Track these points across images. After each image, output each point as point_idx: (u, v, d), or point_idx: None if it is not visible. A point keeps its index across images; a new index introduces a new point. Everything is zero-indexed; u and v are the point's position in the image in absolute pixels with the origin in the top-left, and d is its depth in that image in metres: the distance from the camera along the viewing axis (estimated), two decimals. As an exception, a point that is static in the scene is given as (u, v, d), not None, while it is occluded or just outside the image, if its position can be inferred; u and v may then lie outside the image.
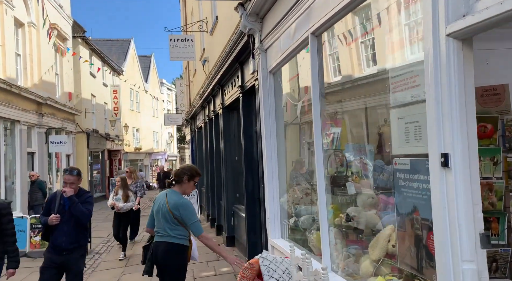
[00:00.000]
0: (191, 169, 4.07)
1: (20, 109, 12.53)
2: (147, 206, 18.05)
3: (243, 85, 6.43)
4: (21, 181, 12.57)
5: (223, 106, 8.52)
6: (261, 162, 5.33)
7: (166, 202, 3.89)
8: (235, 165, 8.44)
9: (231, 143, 8.52)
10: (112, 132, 25.22)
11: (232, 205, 8.41)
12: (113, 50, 30.56)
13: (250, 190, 6.41)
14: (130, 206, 8.15)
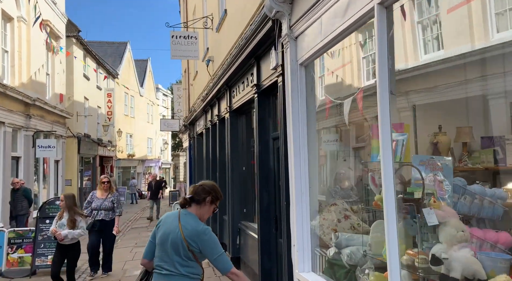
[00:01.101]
0: (215, 189, 3.11)
1: (5, 110, 11.50)
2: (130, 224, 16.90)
3: (259, 83, 5.53)
4: (3, 188, 11.49)
5: (231, 110, 7.61)
6: (284, 174, 4.40)
7: (179, 227, 2.92)
8: (243, 176, 7.51)
9: (239, 151, 7.59)
10: (104, 137, 24.16)
11: (238, 221, 7.45)
12: (109, 53, 29.63)
13: (264, 207, 5.46)
14: (78, 234, 5.98)
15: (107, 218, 7.33)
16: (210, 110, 10.12)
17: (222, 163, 8.93)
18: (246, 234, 7.04)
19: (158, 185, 16.79)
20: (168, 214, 3.15)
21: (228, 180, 7.75)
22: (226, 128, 7.98)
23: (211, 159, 10.22)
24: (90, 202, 7.38)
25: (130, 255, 9.47)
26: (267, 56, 5.16)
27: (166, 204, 23.46)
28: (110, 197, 7.37)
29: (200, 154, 13.42)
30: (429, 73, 3.51)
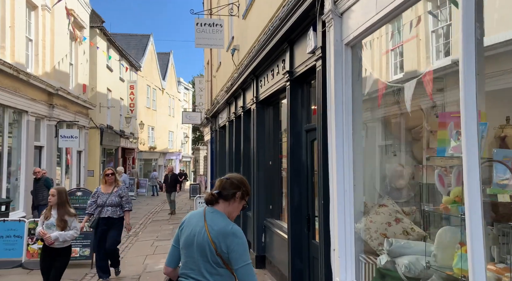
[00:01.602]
0: (245, 183, 2.69)
1: (28, 99, 11.40)
2: (151, 217, 16.66)
3: (292, 70, 5.07)
4: (25, 178, 11.42)
5: (257, 101, 7.17)
6: (322, 170, 3.95)
7: (205, 227, 2.53)
8: (270, 171, 7.08)
9: (265, 145, 7.16)
10: (127, 129, 24.14)
11: (263, 218, 7.04)
12: (132, 45, 29.60)
13: (296, 204, 5.02)
14: (71, 236, 4.92)
15: (115, 215, 6.40)
16: (234, 102, 9.72)
17: (247, 156, 8.52)
18: (272, 232, 6.63)
19: (174, 178, 16.05)
20: (192, 214, 2.74)
21: (253, 175, 7.34)
22: (252, 120, 7.56)
23: (234, 153, 9.83)
24: (95, 198, 6.48)
25: (151, 249, 9.21)
26: (303, 39, 4.70)
27: (186, 197, 23.33)
28: (116, 191, 6.48)
29: (222, 148, 13.07)
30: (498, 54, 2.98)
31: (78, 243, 7.65)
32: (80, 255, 7.64)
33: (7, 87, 10.14)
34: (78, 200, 7.90)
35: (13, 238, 7.57)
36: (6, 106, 10.43)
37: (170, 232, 11.38)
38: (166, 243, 9.73)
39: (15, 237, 7.59)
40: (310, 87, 5.06)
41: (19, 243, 7.56)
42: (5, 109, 10.52)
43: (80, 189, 8.04)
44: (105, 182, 6.57)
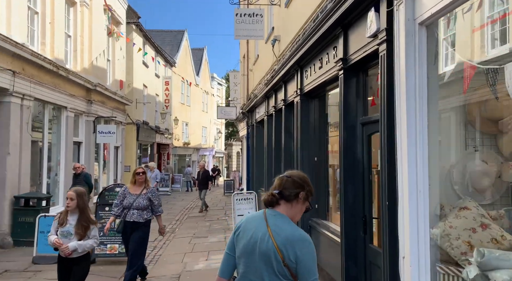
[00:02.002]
0: (308, 182, 2.35)
1: (67, 95, 11.49)
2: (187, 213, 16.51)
3: (346, 58, 4.62)
4: (65, 173, 11.55)
5: (302, 93, 6.76)
6: (386, 167, 3.51)
7: (269, 232, 2.18)
8: (315, 168, 6.66)
9: (310, 140, 6.74)
10: (162, 125, 24.31)
11: (308, 218, 6.64)
12: (166, 42, 29.78)
13: (350, 204, 4.59)
14: (90, 247, 4.30)
15: (141, 219, 5.65)
16: (273, 95, 9.35)
17: (288, 152, 8.14)
18: (318, 233, 6.22)
19: (206, 175, 15.40)
20: (249, 217, 2.38)
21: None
22: (295, 114, 7.15)
23: (273, 148, 9.47)
24: (122, 199, 5.77)
25: (189, 246, 9.01)
26: (360, 22, 4.25)
27: (220, 193, 23.25)
28: (145, 192, 5.75)
29: (259, 143, 12.74)
30: None
31: (118, 239, 7.53)
32: (119, 251, 7.52)
33: (47, 83, 10.21)
34: (116, 195, 7.76)
35: (52, 234, 7.54)
36: (46, 102, 10.53)
37: (207, 229, 11.19)
38: (204, 241, 9.52)
39: (55, 232, 7.56)
40: (367, 76, 4.61)
41: (60, 239, 7.52)
42: (45, 105, 10.62)
43: (118, 184, 7.93)
44: (135, 181, 5.81)
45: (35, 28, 10.36)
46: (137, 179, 5.80)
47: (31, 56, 9.16)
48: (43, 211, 8.90)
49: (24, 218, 8.71)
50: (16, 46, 8.52)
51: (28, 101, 9.35)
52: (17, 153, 8.96)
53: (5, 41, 8.14)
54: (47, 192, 10.67)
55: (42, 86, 9.93)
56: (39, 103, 10.30)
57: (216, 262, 7.51)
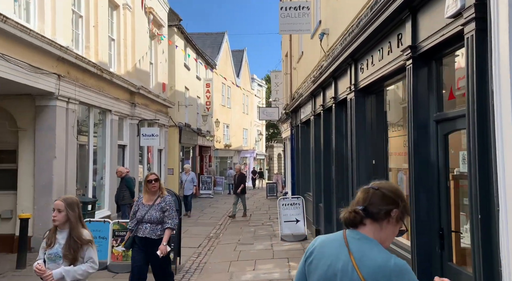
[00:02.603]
0: (402, 196, 1.81)
1: (111, 98, 11.48)
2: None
3: (415, 45, 3.99)
4: (110, 176, 11.53)
5: (356, 89, 6.14)
6: (477, 172, 2.87)
7: (352, 261, 1.67)
8: (373, 172, 6.02)
9: (367, 141, 6.11)
10: (203, 127, 24.27)
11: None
12: (207, 44, 29.85)
13: (423, 215, 3.94)
14: (84, 274, 3.28)
15: (154, 235, 4.83)
16: (321, 93, 8.75)
17: (340, 154, 7.52)
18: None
19: (241, 178, 14.31)
20: (323, 241, 1.84)
21: (351, 176, 6.33)
22: (348, 112, 6.54)
23: (322, 150, 8.87)
24: (136, 210, 5.02)
25: (234, 254, 8.59)
26: (434, 2, 3.61)
27: (263, 196, 22.81)
28: (158, 203, 4.93)
29: (305, 144, 12.15)
30: None
31: (161, 246, 7.25)
32: (163, 259, 7.22)
33: (92, 86, 10.20)
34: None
35: (98, 240, 7.36)
36: (91, 106, 10.53)
37: (251, 235, 10.76)
38: (249, 248, 9.08)
39: (100, 238, 7.39)
40: (441, 65, 3.95)
41: (104, 245, 7.36)
42: (91, 108, 10.63)
43: (162, 189, 7.67)
44: (147, 190, 5.01)
45: (80, 32, 10.40)
46: (150, 188, 4.97)
47: (75, 59, 9.14)
48: (89, 216, 8.83)
49: (70, 222, 8.66)
50: (61, 50, 8.50)
51: (73, 105, 9.34)
52: (63, 157, 8.95)
53: (50, 44, 8.13)
54: (93, 196, 10.67)
55: (86, 89, 9.92)
56: (84, 106, 10.32)
57: (264, 273, 7.04)
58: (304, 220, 9.87)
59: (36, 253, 8.22)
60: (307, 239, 9.63)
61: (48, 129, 8.68)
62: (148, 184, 4.99)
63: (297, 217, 9.92)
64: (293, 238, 9.68)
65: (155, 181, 4.99)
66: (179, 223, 7.43)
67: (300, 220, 9.89)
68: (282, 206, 10.02)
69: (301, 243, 9.30)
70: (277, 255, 8.22)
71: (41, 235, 8.60)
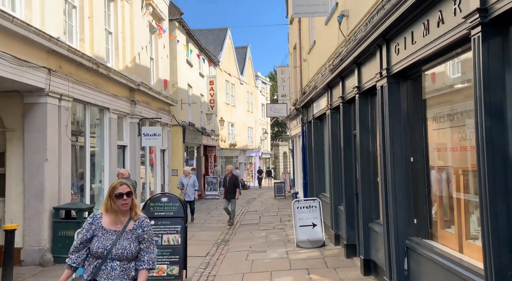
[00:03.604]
0: None
1: (109, 95, 10.64)
2: (239, 220, 15.37)
3: (486, 7, 3.10)
4: (109, 179, 10.68)
5: (389, 74, 5.25)
6: None
7: None
8: (411, 171, 5.13)
9: (401, 135, 5.22)
10: (208, 126, 23.41)
11: (404, 236, 5.11)
12: (209, 40, 28.98)
13: (502, 230, 3.04)
14: None
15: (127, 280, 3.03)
16: (340, 84, 7.86)
17: (366, 152, 6.63)
18: (421, 256, 4.70)
19: (233, 181, 12.36)
20: None
21: (384, 176, 5.44)
22: (378, 102, 5.65)
23: (342, 147, 7.98)
24: (87, 236, 3.07)
25: (247, 263, 7.72)
26: None
27: (270, 196, 21.92)
28: (132, 228, 3.10)
29: (319, 141, 11.27)
30: None
31: (165, 259, 6.41)
32: (168, 273, 6.37)
33: (87, 82, 9.36)
34: (164, 206, 6.66)
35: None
36: (87, 103, 9.68)
37: (263, 240, 9.89)
38: (263, 256, 8.20)
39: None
40: (522, 33, 3.05)
41: (101, 258, 6.50)
42: (87, 106, 9.78)
43: (165, 193, 6.81)
44: (114, 208, 3.08)
45: (73, 23, 9.56)
46: (119, 205, 3.07)
47: (68, 52, 8.29)
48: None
49: (64, 232, 7.83)
50: (51, 41, 7.65)
51: (67, 102, 8.49)
52: (56, 159, 8.12)
53: (38, 34, 7.28)
54: (90, 201, 9.84)
55: (81, 85, 9.07)
56: (79, 104, 9.48)
57: (283, 288, 6.16)
58: (321, 224, 8.99)
59: (28, 267, 7.54)
60: (325, 245, 8.75)
61: (39, 129, 7.84)
62: (116, 199, 3.07)
63: (313, 221, 9.04)
64: (310, 244, 8.81)
65: (128, 195, 3.09)
66: (185, 230, 6.61)
67: (317, 224, 9.01)
68: (297, 210, 9.15)
69: (319, 250, 8.42)
70: (295, 265, 7.34)
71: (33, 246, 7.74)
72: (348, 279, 6.35)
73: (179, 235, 6.51)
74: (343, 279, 6.36)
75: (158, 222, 6.51)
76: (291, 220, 12.98)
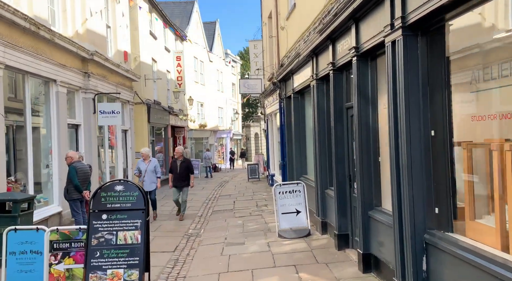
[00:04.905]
0: None
1: (55, 64, 9.01)
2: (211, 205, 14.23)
3: None
4: (59, 163, 9.19)
5: (404, 24, 4.09)
6: None
7: None
8: (431, 148, 4.07)
9: (420, 103, 4.12)
10: (175, 105, 21.82)
11: (422, 229, 4.07)
12: (175, 14, 27.01)
13: None
14: None
15: None
16: (329, 48, 6.67)
17: (366, 126, 5.52)
18: (444, 253, 3.70)
19: (186, 166, 10.11)
20: None
21: (398, 155, 4.35)
22: (388, 63, 4.52)
23: (333, 123, 6.85)
24: None
25: (222, 260, 6.55)
26: None
27: (243, 179, 20.82)
28: None
29: (300, 118, 10.14)
30: None
31: (122, 262, 5.13)
32: (125, 280, 5.11)
33: (24, 47, 7.73)
34: (119, 197, 5.33)
35: (30, 255, 5.16)
36: (26, 73, 8.06)
37: (240, 230, 8.76)
38: (241, 250, 7.07)
39: (33, 253, 5.18)
40: None
41: (39, 263, 5.15)
42: (26, 76, 8.15)
43: (120, 181, 5.47)
44: None
45: (4, -25, 7.81)
46: None
47: (-5, 7, 6.66)
48: (24, 217, 6.57)
49: (-4, 229, 6.36)
50: (-32, -10, 6.02)
51: (-4, 70, 6.91)
52: (-16, 141, 6.58)
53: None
54: (34, 190, 8.34)
55: (16, 50, 7.46)
56: (14, 73, 7.85)
57: (268, 294, 5.05)
58: (306, 211, 7.94)
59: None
60: (311, 234, 7.72)
61: (-42, 102, 6.27)
62: None
63: (297, 208, 7.97)
64: (294, 233, 7.76)
65: None
66: (147, 225, 5.35)
67: (301, 211, 7.95)
68: (278, 195, 8.04)
69: (305, 241, 7.37)
70: (279, 261, 6.25)
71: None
72: (345, 278, 5.32)
73: (139, 232, 5.23)
74: (339, 278, 5.32)
75: (111, 216, 5.21)
76: (268, 204, 11.97)
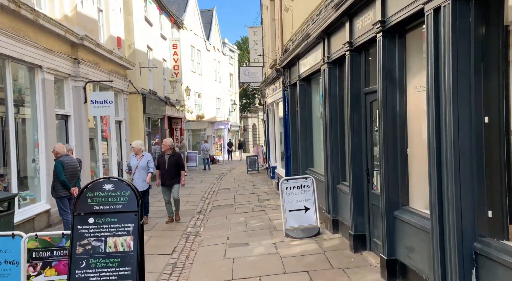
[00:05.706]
0: None
1: (41, 49, 8.23)
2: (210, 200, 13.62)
3: None
4: (46, 157, 8.46)
5: (450, -9, 3.36)
6: None
7: None
8: (484, 137, 3.38)
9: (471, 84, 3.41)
10: (172, 95, 21.02)
11: (472, 237, 3.39)
12: (171, 1, 26.03)
13: None
14: None
15: None
16: (346, 26, 5.93)
17: (392, 113, 4.81)
18: (500, 266, 3.03)
19: (175, 161, 8.76)
20: None
21: (439, 146, 3.66)
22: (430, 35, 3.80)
23: (347, 111, 6.13)
24: None
25: (226, 264, 5.86)
26: None
27: (242, 171, 20.14)
28: None
29: (307, 106, 9.43)
30: None
31: (112, 272, 4.43)
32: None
33: (3, 27, 6.94)
34: (108, 197, 4.61)
35: (4, 266, 4.47)
36: (8, 57, 7.28)
37: (243, 228, 8.09)
38: (245, 252, 6.38)
39: (7, 263, 4.48)
40: None
41: (14, 274, 4.44)
42: (6, 61, 7.37)
43: (110, 178, 4.75)
44: None
45: None
46: None
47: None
48: (1, 219, 5.85)
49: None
50: None
51: (-30, 53, 6.13)
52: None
53: None
54: (19, 186, 7.61)
55: (-6, 32, 6.68)
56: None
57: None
58: (315, 208, 7.27)
59: None
60: (320, 233, 7.06)
61: None
62: None
63: (306, 204, 7.29)
64: (302, 232, 7.09)
65: None
66: (140, 229, 4.65)
67: (310, 208, 7.28)
68: (285, 190, 7.35)
69: (315, 241, 6.70)
70: (289, 266, 5.58)
71: None
72: (368, 288, 4.66)
73: (131, 237, 4.52)
74: (362, 288, 4.66)
75: (99, 220, 4.49)
76: (270, 199, 11.31)
